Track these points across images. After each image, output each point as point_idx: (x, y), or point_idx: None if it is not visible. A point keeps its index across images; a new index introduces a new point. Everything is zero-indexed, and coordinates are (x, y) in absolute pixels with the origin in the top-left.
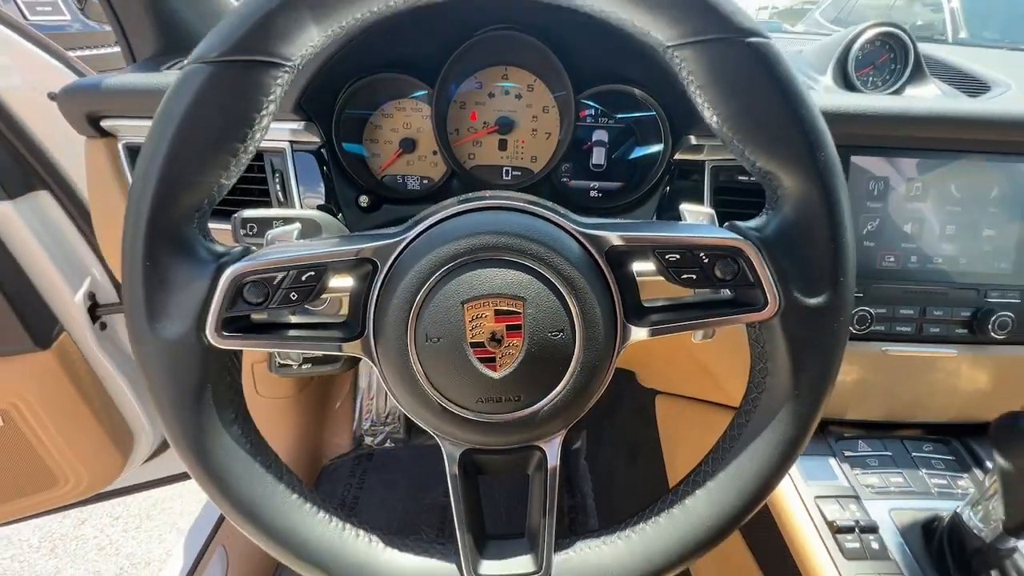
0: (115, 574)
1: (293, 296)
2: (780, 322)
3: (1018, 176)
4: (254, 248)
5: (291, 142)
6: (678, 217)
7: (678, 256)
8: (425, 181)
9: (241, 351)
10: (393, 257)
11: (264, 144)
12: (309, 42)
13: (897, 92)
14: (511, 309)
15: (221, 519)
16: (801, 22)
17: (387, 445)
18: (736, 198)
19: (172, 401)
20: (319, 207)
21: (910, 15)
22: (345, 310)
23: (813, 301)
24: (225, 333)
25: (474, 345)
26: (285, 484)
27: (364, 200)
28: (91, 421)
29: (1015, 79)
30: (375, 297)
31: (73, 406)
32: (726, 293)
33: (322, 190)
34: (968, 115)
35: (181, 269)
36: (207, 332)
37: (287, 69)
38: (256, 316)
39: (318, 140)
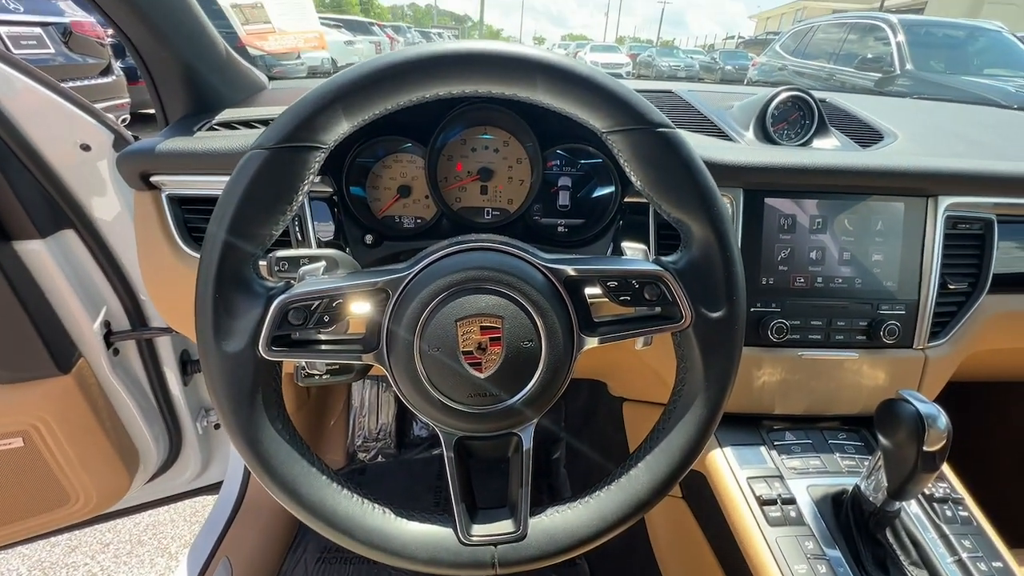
0: None
1: (326, 318)
2: (693, 331)
3: (896, 213)
4: (292, 281)
5: (308, 191)
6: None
7: (617, 283)
8: (419, 220)
9: (282, 364)
10: (402, 287)
11: None
12: (340, 131)
13: (806, 143)
14: (493, 325)
15: (224, 531)
16: (763, 53)
17: (379, 460)
18: (673, 231)
19: (232, 402)
20: (329, 243)
21: (862, 48)
22: (352, 330)
23: (715, 314)
24: (274, 348)
25: (465, 353)
26: (316, 468)
27: (369, 238)
28: (103, 441)
29: (904, 130)
30: (388, 318)
31: (87, 427)
32: (657, 310)
33: (332, 230)
34: (854, 168)
35: (241, 300)
36: (260, 347)
37: (324, 151)
38: (295, 335)
39: (331, 190)
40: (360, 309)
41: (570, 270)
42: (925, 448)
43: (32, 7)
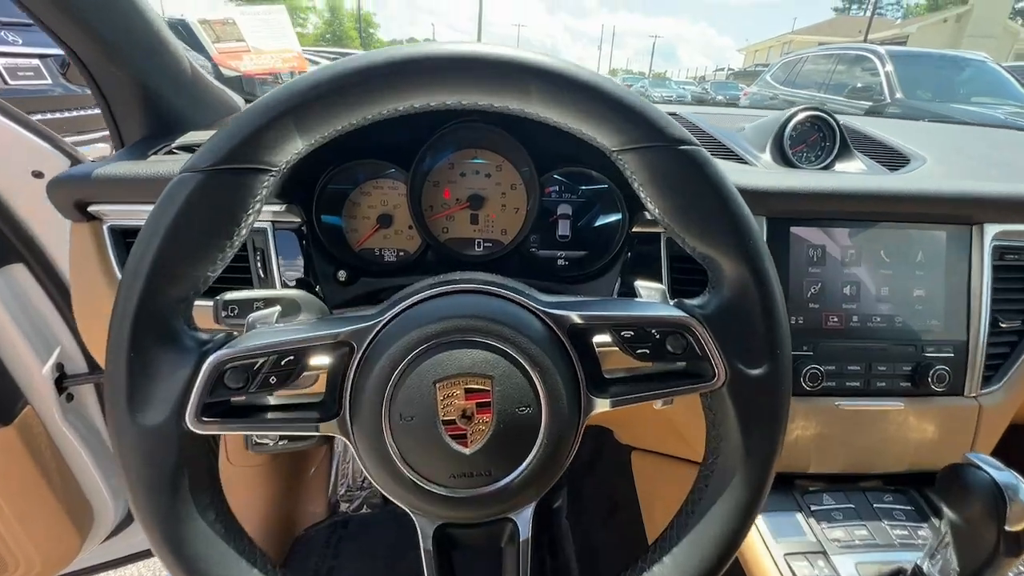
0: None
1: (272, 380)
2: (728, 392)
3: (937, 243)
4: (236, 332)
5: (273, 222)
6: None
7: (632, 332)
8: (401, 253)
9: (218, 438)
10: (369, 340)
11: None
12: (293, 150)
13: (828, 167)
14: (480, 387)
15: None
16: (755, 83)
17: (364, 511)
18: (689, 265)
19: (149, 488)
20: (298, 281)
21: (851, 78)
22: (320, 386)
23: (755, 372)
24: (205, 418)
25: (446, 422)
26: (259, 568)
27: (342, 275)
28: (49, 499)
29: (930, 153)
30: (351, 378)
31: (31, 483)
32: (680, 365)
33: (301, 265)
34: (888, 192)
35: (165, 358)
36: (187, 418)
37: (273, 174)
38: (236, 399)
39: (299, 220)
40: (319, 363)
41: (575, 317)
42: (1008, 527)
43: (31, 39)
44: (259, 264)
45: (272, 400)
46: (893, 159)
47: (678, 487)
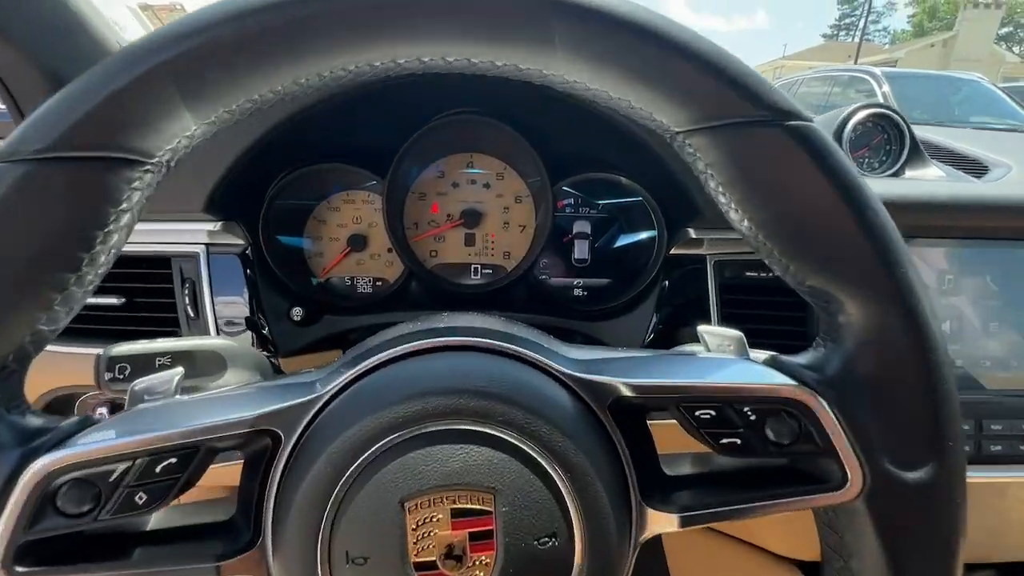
0: None
1: (140, 498)
2: (866, 506)
3: None
4: (99, 417)
5: (207, 244)
6: (679, 324)
7: (713, 412)
8: (378, 283)
9: None
10: (302, 428)
11: (171, 248)
12: (182, 131)
13: (896, 174)
14: (477, 507)
15: None
16: None
17: None
18: (745, 297)
19: None
20: (246, 320)
21: (847, 99)
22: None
23: (913, 476)
24: (20, 569)
25: (420, 566)
26: None
27: (297, 313)
28: None
29: (1010, 159)
30: (274, 489)
31: None
32: (782, 461)
33: (246, 299)
34: (993, 202)
35: None
36: None
37: (150, 168)
38: (88, 527)
39: (242, 242)
40: (224, 462)
41: (623, 387)
42: None
43: None
44: (188, 300)
45: (150, 523)
46: (971, 166)
47: (724, 574)
